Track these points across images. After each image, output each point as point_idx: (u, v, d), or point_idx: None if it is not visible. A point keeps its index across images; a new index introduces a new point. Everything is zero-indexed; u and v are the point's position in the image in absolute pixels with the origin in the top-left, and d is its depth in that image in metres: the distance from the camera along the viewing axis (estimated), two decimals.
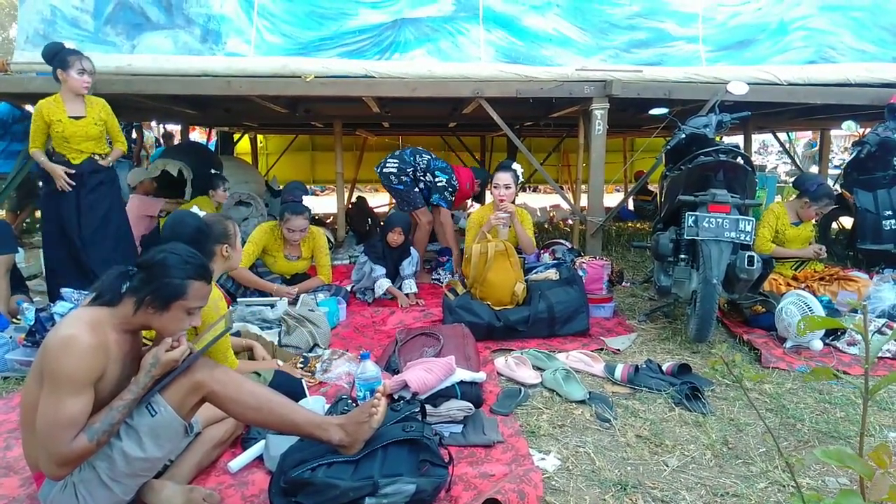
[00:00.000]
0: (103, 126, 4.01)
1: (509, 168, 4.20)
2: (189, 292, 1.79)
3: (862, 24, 4.95)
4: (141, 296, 1.74)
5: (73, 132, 3.89)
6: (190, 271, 1.80)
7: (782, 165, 15.73)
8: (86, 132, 3.92)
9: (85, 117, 3.91)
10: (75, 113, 3.89)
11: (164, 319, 1.77)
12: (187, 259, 1.81)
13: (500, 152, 10.66)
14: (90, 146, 3.96)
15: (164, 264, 1.77)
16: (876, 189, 4.80)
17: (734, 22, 4.93)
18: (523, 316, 3.61)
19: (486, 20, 4.75)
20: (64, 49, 3.78)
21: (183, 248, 1.86)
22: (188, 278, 1.79)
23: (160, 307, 1.75)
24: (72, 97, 3.86)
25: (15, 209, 6.54)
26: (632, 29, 4.89)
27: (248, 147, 10.51)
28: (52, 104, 3.86)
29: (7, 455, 2.24)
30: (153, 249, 1.84)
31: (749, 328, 3.74)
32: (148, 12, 4.45)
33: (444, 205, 5.01)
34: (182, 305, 1.78)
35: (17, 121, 6.09)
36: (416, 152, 5.00)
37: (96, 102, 4.00)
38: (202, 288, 1.84)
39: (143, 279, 1.76)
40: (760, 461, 2.21)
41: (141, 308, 1.74)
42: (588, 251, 4.90)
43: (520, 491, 1.87)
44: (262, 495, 1.95)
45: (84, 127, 3.91)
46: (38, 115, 3.86)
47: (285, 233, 4.07)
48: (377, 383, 2.44)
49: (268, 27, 4.55)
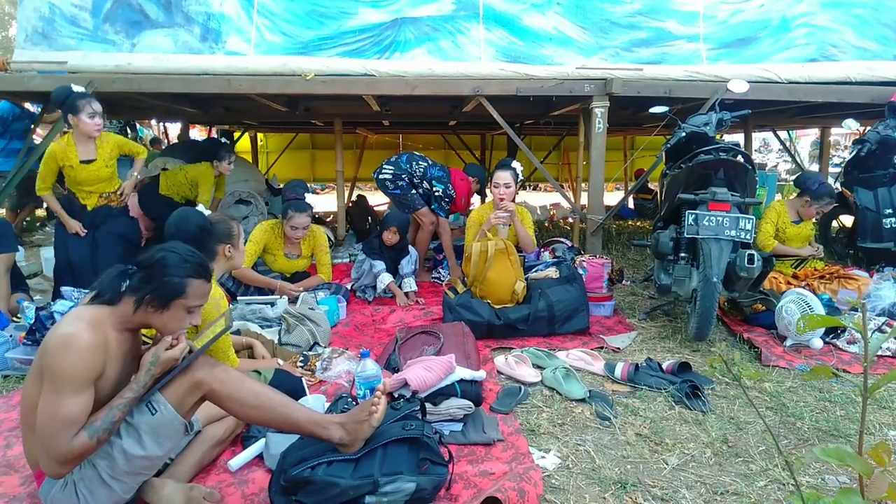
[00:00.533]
0: (115, 166, 4.06)
1: (509, 166, 4.14)
2: (189, 291, 1.79)
3: (864, 22, 4.93)
4: (141, 295, 1.74)
5: (85, 177, 3.95)
6: (189, 270, 1.80)
7: (783, 164, 15.72)
8: (97, 175, 3.99)
9: (96, 160, 3.95)
10: (86, 156, 3.93)
11: (164, 318, 1.77)
12: (187, 258, 1.81)
13: (501, 150, 10.66)
14: (101, 187, 4.04)
15: (164, 263, 1.77)
16: (876, 187, 4.79)
17: (736, 19, 4.91)
18: (523, 314, 3.61)
19: (487, 19, 4.74)
20: (73, 94, 3.78)
21: (182, 247, 1.86)
22: (188, 277, 1.79)
23: (160, 306, 1.75)
24: (84, 140, 3.88)
25: (15, 208, 6.54)
26: (633, 28, 4.88)
27: (249, 145, 10.51)
28: (64, 148, 3.88)
29: (7, 453, 2.24)
30: (153, 248, 1.84)
31: (749, 326, 3.74)
32: (147, 10, 4.43)
33: (442, 214, 4.97)
34: (182, 304, 1.78)
35: (16, 119, 6.10)
36: (412, 158, 4.93)
37: (107, 141, 4.03)
38: (202, 286, 1.84)
39: (142, 278, 1.76)
40: (760, 459, 2.21)
41: (141, 307, 1.74)
42: (588, 249, 4.90)
43: (520, 489, 1.88)
44: (263, 494, 1.95)
45: (95, 171, 3.97)
46: (51, 158, 3.89)
47: (287, 230, 4.06)
48: (377, 382, 2.44)
49: (268, 26, 4.54)
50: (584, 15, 4.84)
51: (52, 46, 4.40)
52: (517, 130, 7.70)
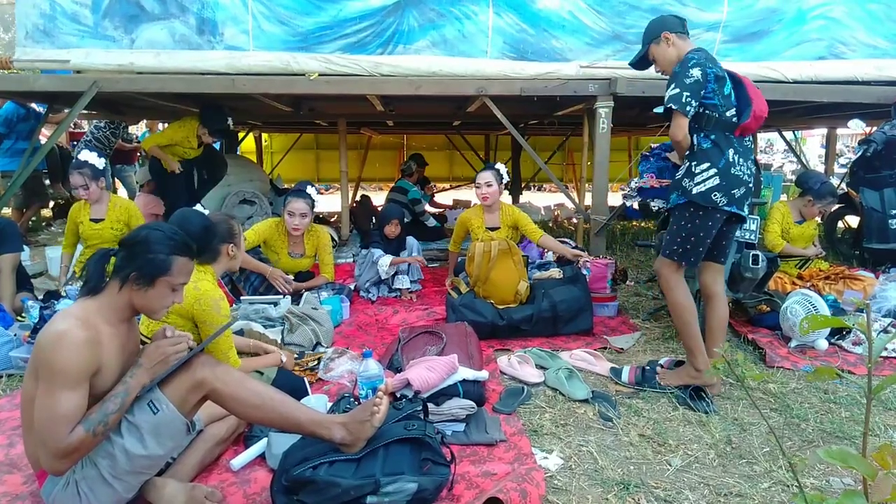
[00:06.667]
0: (121, 230, 4.20)
1: (492, 168, 4.33)
2: (174, 268, 1.79)
3: (876, 18, 4.86)
4: (125, 273, 1.74)
5: (90, 234, 4.18)
6: (174, 247, 1.80)
7: (788, 164, 15.67)
8: (101, 235, 4.17)
9: (104, 220, 4.20)
10: (97, 215, 4.23)
11: (148, 296, 1.78)
12: (171, 235, 1.82)
13: (505, 151, 10.66)
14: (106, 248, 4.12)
15: (148, 240, 1.78)
16: (882, 188, 4.76)
17: (760, 5, 4.80)
18: (526, 314, 3.60)
19: (497, 2, 4.59)
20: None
21: (166, 226, 1.87)
22: (172, 254, 1.79)
23: (145, 283, 1.76)
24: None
25: (21, 207, 6.56)
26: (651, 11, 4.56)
27: (253, 145, 10.53)
28: (81, 205, 4.24)
29: (11, 452, 2.25)
30: (136, 228, 1.85)
31: (754, 327, 3.72)
32: (142, 1, 4.39)
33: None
34: (167, 281, 1.79)
35: (21, 119, 6.12)
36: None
37: (119, 205, 4.28)
38: (187, 264, 1.84)
39: (125, 256, 1.77)
40: (764, 461, 2.20)
41: (125, 285, 1.74)
42: (592, 250, 4.88)
43: (522, 490, 1.87)
44: (264, 493, 1.95)
45: (100, 230, 4.19)
46: (70, 216, 4.27)
47: (286, 219, 4.03)
48: (379, 382, 2.44)
49: (264, 13, 4.45)
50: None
51: (54, 44, 4.38)
52: (521, 131, 7.68)
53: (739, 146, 2.67)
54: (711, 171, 2.61)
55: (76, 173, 4.04)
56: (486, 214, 4.34)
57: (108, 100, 5.42)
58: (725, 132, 2.65)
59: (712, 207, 2.62)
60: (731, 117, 2.65)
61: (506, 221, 4.32)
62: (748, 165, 2.68)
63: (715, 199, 2.61)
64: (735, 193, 2.63)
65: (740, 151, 2.66)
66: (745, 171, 2.66)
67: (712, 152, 2.63)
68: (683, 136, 2.65)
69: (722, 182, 2.60)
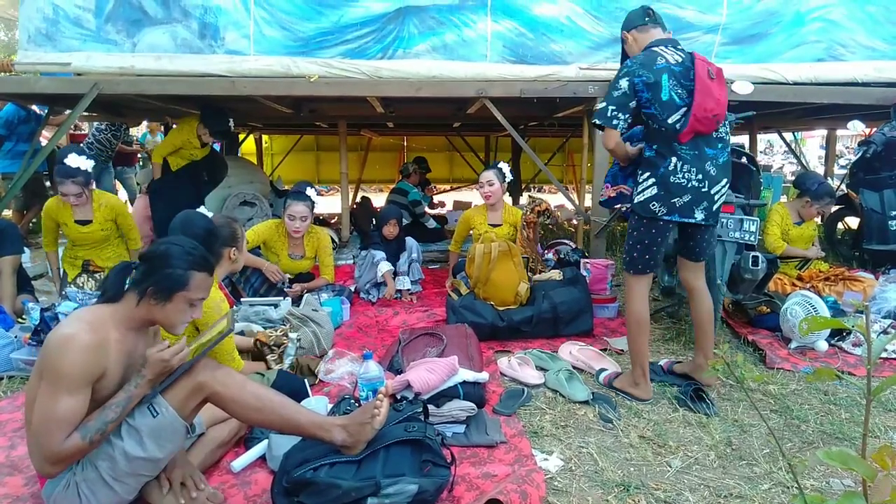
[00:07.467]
0: (111, 229, 4.09)
1: (495, 167, 4.46)
2: (191, 283, 1.80)
3: (875, 20, 4.86)
4: (143, 287, 1.75)
5: (78, 237, 4.00)
6: (192, 262, 1.81)
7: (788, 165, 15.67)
8: (90, 237, 4.03)
9: (91, 222, 3.99)
10: (83, 217, 3.96)
11: (166, 311, 1.78)
12: (189, 250, 1.82)
13: (505, 152, 10.65)
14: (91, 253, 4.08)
15: (167, 255, 1.78)
16: (882, 189, 4.77)
17: (759, 7, 4.80)
18: (527, 316, 3.60)
19: (495, 9, 4.61)
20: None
21: (185, 240, 1.87)
22: (190, 269, 1.80)
23: (163, 298, 1.76)
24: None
25: (21, 209, 6.56)
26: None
27: (254, 147, 10.54)
28: (59, 205, 3.90)
29: (12, 454, 2.25)
30: (155, 241, 1.85)
31: (754, 329, 3.72)
32: (145, 6, 4.39)
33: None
34: (184, 296, 1.79)
35: (22, 121, 6.12)
36: None
37: (104, 204, 4.04)
38: (205, 279, 1.85)
39: (145, 271, 1.77)
40: (764, 462, 2.20)
41: (143, 300, 1.75)
42: (592, 251, 4.89)
43: (522, 491, 1.87)
44: (265, 495, 1.95)
45: (90, 233, 4.01)
46: (46, 215, 3.94)
47: (286, 221, 4.05)
48: (380, 383, 2.45)
49: (266, 18, 4.46)
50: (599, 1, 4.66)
51: (56, 48, 4.39)
52: (521, 132, 7.68)
53: (689, 152, 2.53)
54: (650, 180, 2.59)
55: (70, 182, 3.73)
56: (489, 212, 4.48)
57: (109, 102, 5.42)
58: (670, 140, 2.54)
59: (651, 218, 2.60)
60: (675, 123, 2.52)
61: (508, 219, 4.45)
62: (701, 171, 2.54)
63: (653, 209, 2.58)
64: (676, 202, 2.55)
65: (687, 158, 2.53)
66: (692, 178, 2.54)
67: (653, 161, 2.60)
68: (615, 145, 2.65)
69: (660, 192, 2.56)
